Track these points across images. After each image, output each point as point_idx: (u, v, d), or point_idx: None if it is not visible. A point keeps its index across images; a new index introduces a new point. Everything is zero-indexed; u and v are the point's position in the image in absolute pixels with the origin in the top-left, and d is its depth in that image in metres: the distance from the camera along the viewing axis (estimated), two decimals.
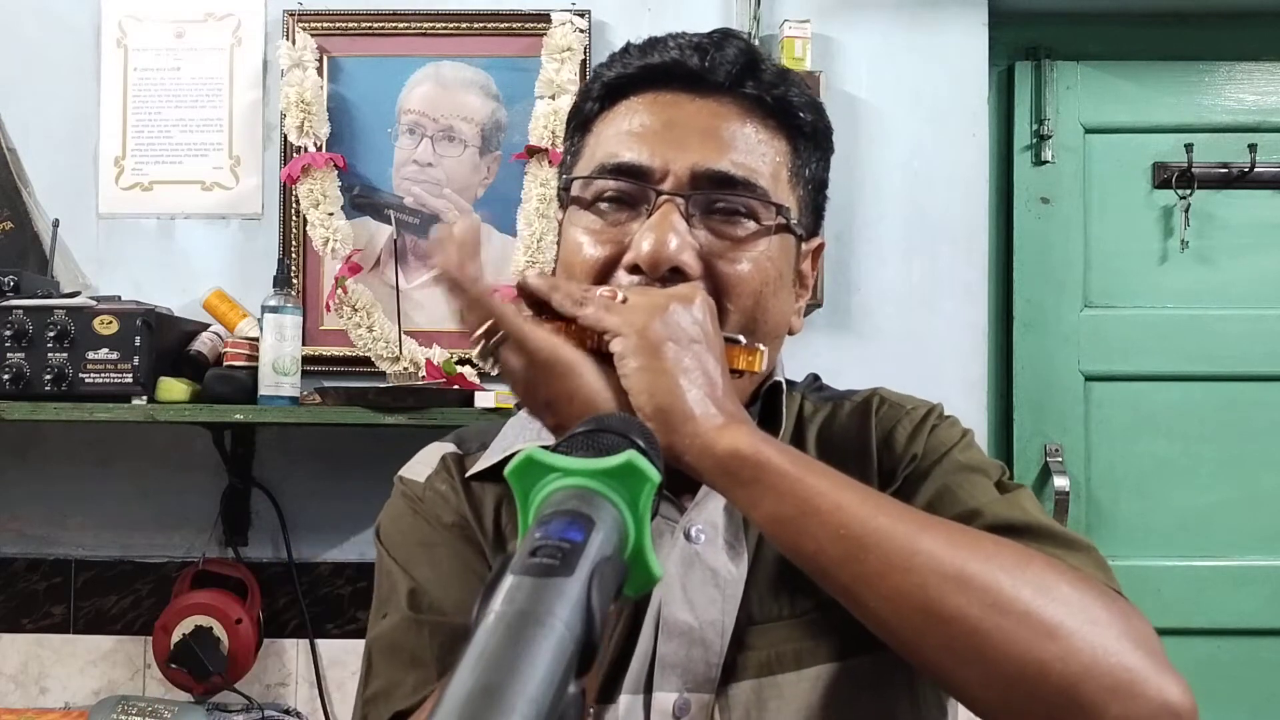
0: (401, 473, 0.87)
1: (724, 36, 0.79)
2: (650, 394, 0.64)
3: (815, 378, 0.92)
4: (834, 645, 0.73)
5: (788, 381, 0.87)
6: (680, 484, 0.75)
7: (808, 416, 0.85)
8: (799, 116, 0.80)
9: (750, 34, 1.91)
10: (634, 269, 0.74)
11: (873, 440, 0.82)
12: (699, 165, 0.75)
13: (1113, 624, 0.61)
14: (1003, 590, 0.61)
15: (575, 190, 0.80)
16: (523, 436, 0.82)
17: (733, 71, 0.77)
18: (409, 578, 0.79)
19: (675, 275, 0.73)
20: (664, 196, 0.74)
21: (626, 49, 0.81)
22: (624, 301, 0.68)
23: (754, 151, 0.77)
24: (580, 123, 0.83)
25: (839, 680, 0.73)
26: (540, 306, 0.70)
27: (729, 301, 0.75)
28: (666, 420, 0.64)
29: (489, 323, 0.66)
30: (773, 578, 0.76)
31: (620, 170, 0.76)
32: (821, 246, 0.87)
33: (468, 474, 0.83)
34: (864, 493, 0.65)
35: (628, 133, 0.77)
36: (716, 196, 0.75)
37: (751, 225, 0.76)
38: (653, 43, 0.80)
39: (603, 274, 0.76)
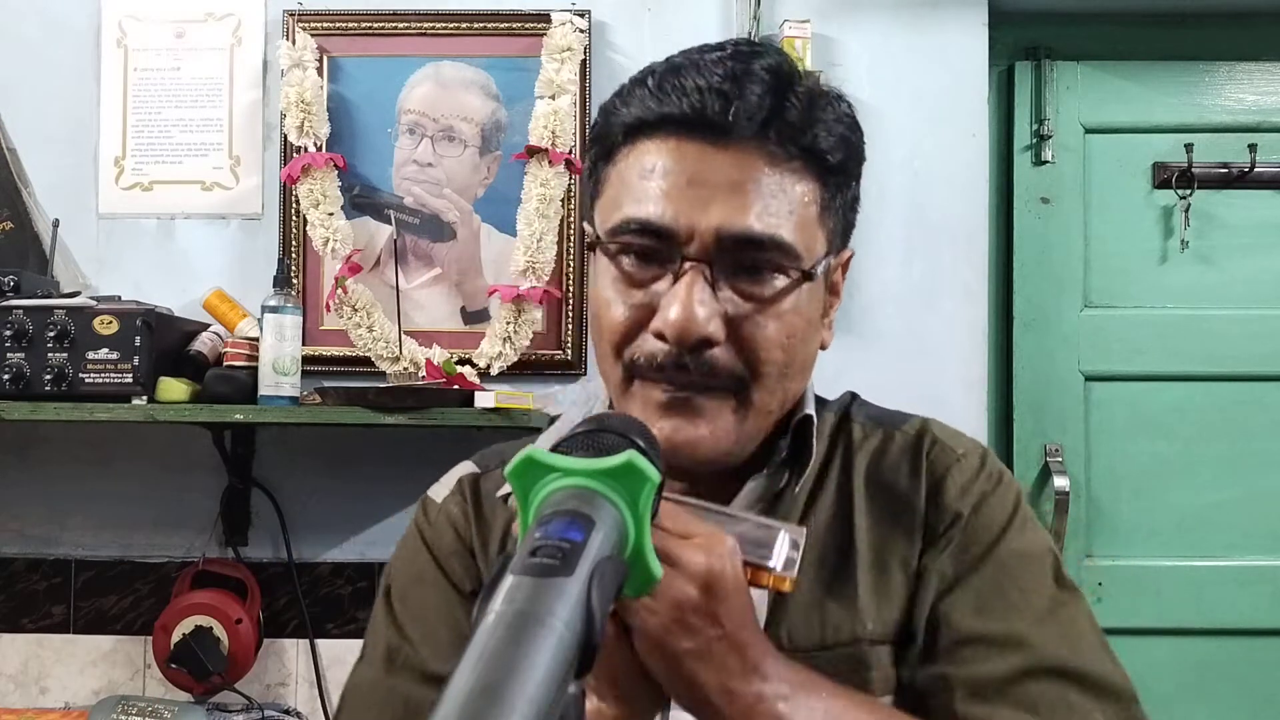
0: (428, 492, 0.89)
1: (745, 72, 0.75)
2: (673, 690, 0.63)
3: (854, 395, 0.91)
4: (867, 683, 0.74)
5: (819, 399, 0.86)
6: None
7: (857, 443, 0.84)
8: (827, 159, 0.77)
9: (750, 34, 1.91)
10: (661, 335, 0.74)
11: (922, 489, 0.80)
12: (724, 227, 0.73)
13: None
14: None
15: (601, 237, 0.79)
16: None
17: (755, 118, 0.74)
18: (392, 626, 0.83)
19: (701, 344, 0.73)
20: (689, 263, 0.73)
21: (644, 82, 0.77)
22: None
23: (780, 202, 0.75)
24: (603, 151, 0.81)
25: None
26: None
27: (757, 360, 0.75)
28: (696, 712, 0.64)
29: None
30: (803, 605, 0.76)
31: (645, 230, 0.75)
32: (850, 256, 0.86)
33: (499, 494, 0.85)
34: None
35: (650, 187, 0.75)
36: (743, 259, 0.74)
37: (779, 282, 0.75)
38: (674, 82, 0.75)
39: (631, 337, 0.76)
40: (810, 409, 0.83)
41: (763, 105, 0.74)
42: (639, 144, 0.77)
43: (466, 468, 0.89)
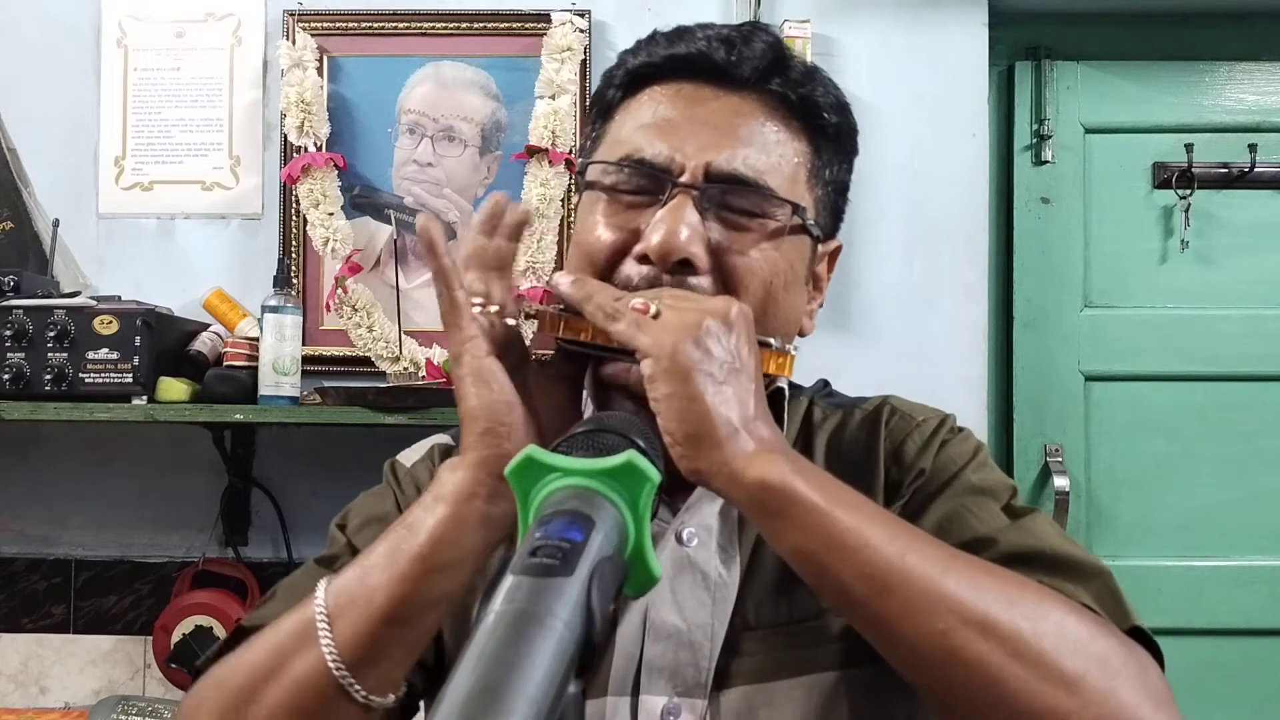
0: (396, 457, 0.89)
1: (753, 30, 0.78)
2: (680, 421, 0.63)
3: (825, 383, 0.92)
4: (831, 654, 0.73)
5: (794, 386, 0.86)
6: (674, 485, 0.75)
7: (817, 423, 0.85)
8: (823, 117, 0.79)
9: None
10: (643, 259, 0.73)
11: (880, 452, 0.81)
12: (714, 162, 0.74)
13: (1129, 677, 0.62)
14: (1024, 639, 0.61)
15: (593, 175, 0.79)
16: None
17: (759, 67, 0.77)
18: (339, 544, 0.82)
19: (683, 267, 0.73)
20: (678, 188, 0.74)
21: (654, 37, 0.81)
22: (656, 316, 0.66)
23: (771, 151, 0.76)
24: (602, 108, 0.83)
25: (835, 689, 0.73)
26: (572, 309, 0.71)
27: (737, 295, 0.74)
28: (695, 448, 0.63)
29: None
30: (770, 583, 0.75)
31: (640, 164, 0.76)
32: (839, 249, 0.86)
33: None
34: (892, 530, 0.64)
35: (649, 125, 0.77)
36: (731, 196, 0.75)
37: (765, 223, 0.76)
38: (680, 32, 0.79)
39: (614, 259, 0.76)
40: (783, 384, 0.83)
41: (766, 56, 0.77)
42: (641, 92, 0.79)
43: (440, 438, 0.89)
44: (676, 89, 0.78)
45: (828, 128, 0.80)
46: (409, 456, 0.88)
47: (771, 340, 0.73)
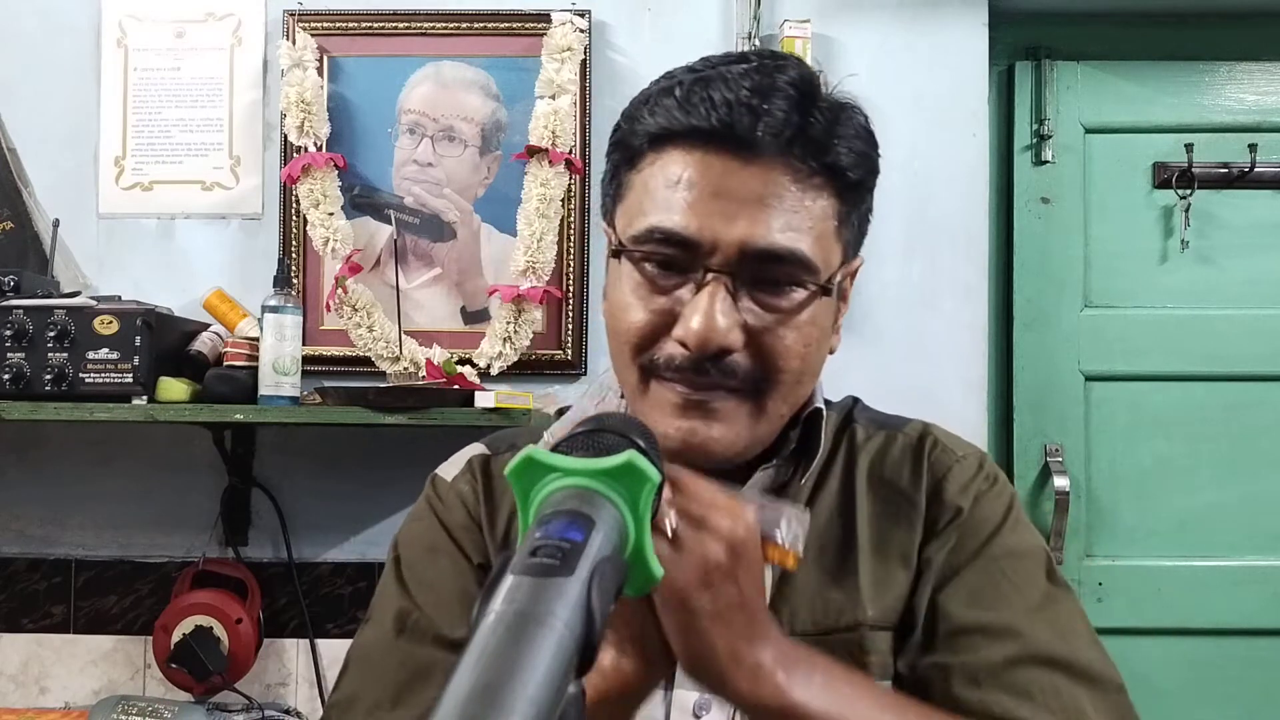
0: (436, 470, 0.91)
1: (771, 87, 0.76)
2: (684, 651, 0.65)
3: (855, 400, 0.94)
4: (859, 666, 0.77)
5: (825, 402, 0.88)
6: None
7: (860, 444, 0.88)
8: (847, 176, 0.80)
9: (750, 34, 1.91)
10: (682, 343, 0.75)
11: (923, 486, 0.84)
12: (748, 241, 0.75)
13: None
14: None
15: (623, 242, 0.80)
16: None
17: (783, 135, 0.75)
18: (403, 593, 0.83)
19: (722, 352, 0.75)
20: (712, 274, 0.75)
21: (671, 91, 0.78)
22: (674, 538, 0.63)
23: (802, 217, 0.76)
24: (626, 156, 0.81)
25: None
26: None
27: (774, 368, 0.77)
28: (700, 675, 0.65)
29: None
30: (805, 594, 0.79)
31: (670, 240, 0.76)
32: (860, 265, 0.88)
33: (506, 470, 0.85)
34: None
35: (676, 198, 0.76)
36: (764, 272, 0.76)
37: (798, 295, 0.77)
38: (702, 94, 0.76)
39: (650, 341, 0.77)
40: (819, 403, 0.85)
41: (789, 122, 0.75)
42: (664, 153, 0.78)
43: (477, 449, 0.92)
44: (700, 157, 0.76)
45: (852, 183, 0.81)
46: (449, 470, 0.91)
47: (775, 535, 0.73)
